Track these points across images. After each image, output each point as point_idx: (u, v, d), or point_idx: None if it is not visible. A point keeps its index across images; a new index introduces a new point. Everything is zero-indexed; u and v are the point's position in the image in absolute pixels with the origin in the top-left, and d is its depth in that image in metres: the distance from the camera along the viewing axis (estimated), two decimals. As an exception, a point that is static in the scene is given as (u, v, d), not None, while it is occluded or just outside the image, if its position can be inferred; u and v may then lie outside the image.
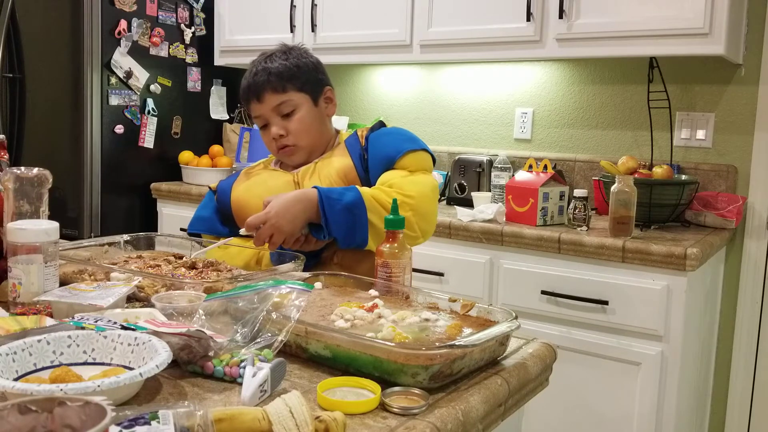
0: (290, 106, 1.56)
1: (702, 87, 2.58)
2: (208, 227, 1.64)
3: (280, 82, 1.55)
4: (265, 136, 1.60)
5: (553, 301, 2.22)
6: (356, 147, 1.59)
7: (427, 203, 1.49)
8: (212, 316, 1.06)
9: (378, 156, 1.55)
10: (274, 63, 1.57)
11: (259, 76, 1.56)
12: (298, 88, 1.57)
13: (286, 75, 1.56)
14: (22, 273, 1.17)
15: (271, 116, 1.57)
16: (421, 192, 1.47)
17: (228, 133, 3.49)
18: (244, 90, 1.60)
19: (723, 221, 2.37)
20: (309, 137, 1.58)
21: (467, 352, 0.94)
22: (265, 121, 1.59)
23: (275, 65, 1.56)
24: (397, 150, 1.53)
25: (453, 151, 3.06)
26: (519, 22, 2.52)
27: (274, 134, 1.56)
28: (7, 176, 1.26)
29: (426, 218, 1.49)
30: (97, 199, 3.08)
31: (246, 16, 3.26)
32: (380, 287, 1.24)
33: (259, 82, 1.56)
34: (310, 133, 1.58)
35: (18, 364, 0.88)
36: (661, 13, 2.27)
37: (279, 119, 1.56)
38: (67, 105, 3.06)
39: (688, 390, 2.25)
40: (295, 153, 1.59)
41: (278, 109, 1.56)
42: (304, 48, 1.64)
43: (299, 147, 1.58)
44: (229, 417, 0.75)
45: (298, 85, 1.57)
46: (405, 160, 1.53)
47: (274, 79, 1.55)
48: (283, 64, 1.56)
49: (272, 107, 1.55)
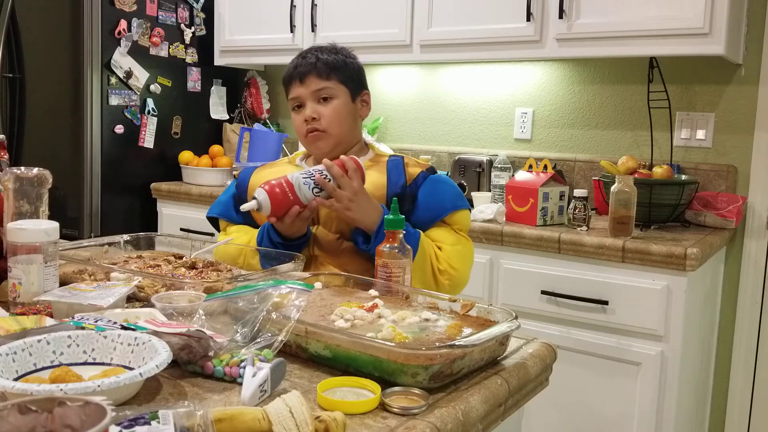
0: (329, 93, 1.60)
1: (702, 87, 2.58)
2: (222, 211, 1.69)
3: (326, 69, 1.60)
4: (297, 118, 1.63)
5: (553, 301, 2.22)
6: (399, 174, 1.60)
7: (465, 277, 1.60)
8: (212, 316, 1.06)
9: (431, 202, 1.59)
10: (324, 53, 1.62)
11: (308, 60, 1.61)
12: (341, 80, 1.61)
13: (333, 65, 1.61)
14: (22, 273, 1.17)
15: (309, 99, 1.60)
16: (465, 267, 1.59)
17: (228, 133, 3.49)
18: (289, 71, 1.64)
19: (723, 221, 2.37)
20: (339, 128, 1.60)
21: (467, 352, 0.94)
22: (301, 103, 1.62)
23: (325, 55, 1.62)
24: (452, 205, 1.60)
25: (453, 151, 3.06)
26: (519, 22, 2.52)
27: (307, 116, 1.59)
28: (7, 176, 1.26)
29: (458, 289, 1.59)
30: (97, 199, 3.08)
31: (246, 16, 3.26)
32: (380, 287, 1.24)
33: (306, 65, 1.60)
34: (341, 124, 1.61)
35: (18, 364, 0.88)
36: (661, 13, 2.27)
37: (315, 103, 1.60)
38: (67, 105, 3.06)
39: (688, 390, 2.25)
40: (322, 139, 1.60)
41: (317, 93, 1.59)
42: (352, 51, 1.70)
43: (328, 134, 1.60)
44: (229, 417, 0.75)
45: (342, 77, 1.61)
46: (455, 216, 1.60)
47: (322, 65, 1.60)
48: (333, 56, 1.62)
49: (312, 91, 1.59)
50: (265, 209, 1.42)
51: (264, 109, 3.59)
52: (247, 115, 3.62)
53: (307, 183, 1.44)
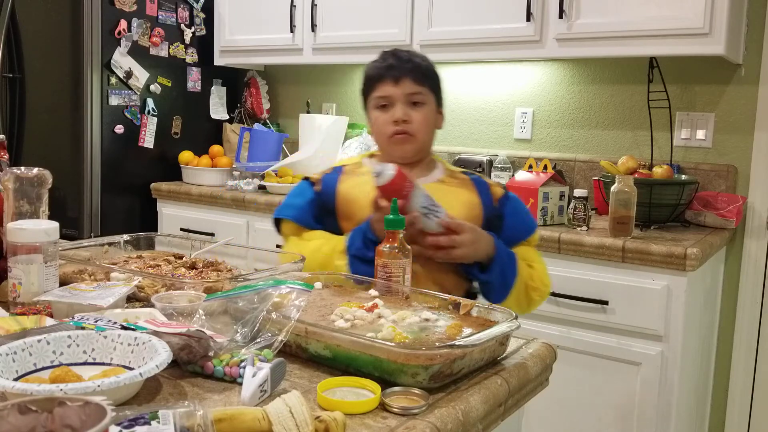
0: (420, 99, 1.58)
1: (702, 87, 2.58)
2: (298, 215, 1.61)
3: (421, 75, 1.59)
4: (382, 117, 1.59)
5: (553, 301, 2.22)
6: (487, 194, 1.62)
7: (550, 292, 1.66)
8: (212, 316, 1.06)
9: (517, 222, 1.64)
10: (417, 57, 1.61)
11: (404, 62, 1.59)
12: (431, 89, 1.61)
13: (427, 72, 1.61)
14: (22, 273, 1.17)
15: (399, 100, 1.57)
16: (550, 282, 1.65)
17: (228, 133, 3.49)
18: (379, 69, 1.60)
19: (723, 221, 2.37)
20: (425, 134, 1.60)
21: (467, 352, 0.94)
22: (389, 103, 1.58)
23: (419, 59, 1.61)
24: (534, 224, 1.68)
25: (453, 151, 3.06)
26: (519, 22, 2.52)
27: (398, 117, 1.56)
28: (7, 176, 1.26)
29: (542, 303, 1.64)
30: (97, 199, 3.08)
31: (246, 16, 3.26)
32: (380, 287, 1.24)
33: (402, 67, 1.58)
34: (427, 130, 1.61)
35: (18, 364, 0.88)
36: (661, 13, 2.27)
37: (406, 106, 1.58)
38: (67, 105, 3.06)
39: (688, 390, 2.25)
40: (408, 143, 1.59)
41: (410, 96, 1.57)
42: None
43: (415, 138, 1.58)
44: (229, 417, 0.75)
45: (432, 86, 1.62)
46: (534, 236, 1.67)
47: (418, 71, 1.59)
48: (426, 63, 1.62)
49: (406, 93, 1.57)
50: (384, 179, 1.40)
51: (264, 109, 3.59)
52: (247, 115, 3.62)
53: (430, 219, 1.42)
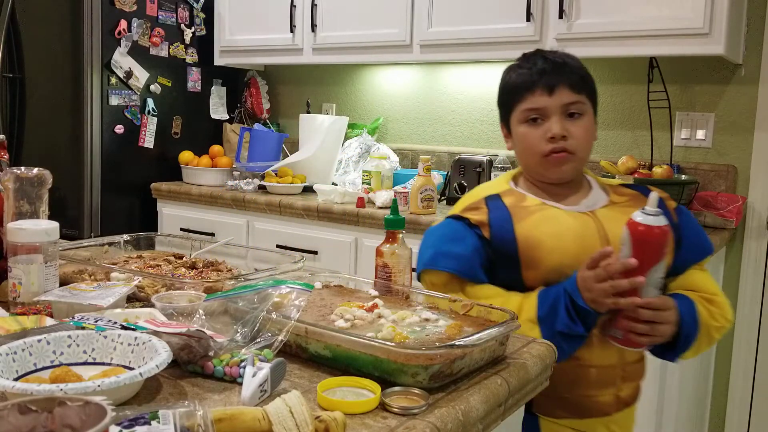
0: (579, 110, 1.35)
1: (702, 87, 2.58)
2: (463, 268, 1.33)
3: (579, 81, 1.35)
4: (533, 133, 1.35)
5: (553, 301, 2.21)
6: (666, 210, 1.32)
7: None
8: (212, 316, 1.06)
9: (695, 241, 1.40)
10: (570, 59, 1.37)
11: (558, 66, 1.35)
12: (589, 96, 1.38)
13: (583, 76, 1.37)
14: (22, 273, 1.17)
15: (555, 113, 1.34)
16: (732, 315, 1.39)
17: (228, 133, 3.49)
18: (529, 76, 1.36)
19: (723, 221, 2.37)
20: (586, 150, 1.37)
21: (467, 352, 0.94)
22: (541, 116, 1.35)
23: (573, 61, 1.37)
24: (711, 245, 1.43)
25: (453, 151, 3.06)
26: (519, 22, 2.52)
27: (555, 132, 1.32)
28: (7, 176, 1.26)
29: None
30: (97, 199, 3.08)
31: (246, 16, 3.26)
32: (380, 287, 1.24)
33: (556, 72, 1.34)
34: (588, 146, 1.37)
35: (18, 364, 0.88)
36: (661, 13, 2.27)
37: (562, 118, 1.34)
38: (67, 105, 3.06)
39: (688, 390, 2.24)
40: (568, 162, 1.35)
41: (567, 107, 1.34)
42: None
43: (576, 156, 1.35)
44: (229, 417, 0.75)
45: (589, 92, 1.38)
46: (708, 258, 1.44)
47: (576, 76, 1.35)
48: (580, 65, 1.38)
49: (562, 103, 1.33)
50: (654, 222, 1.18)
51: (264, 109, 3.59)
52: (247, 115, 3.62)
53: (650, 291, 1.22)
